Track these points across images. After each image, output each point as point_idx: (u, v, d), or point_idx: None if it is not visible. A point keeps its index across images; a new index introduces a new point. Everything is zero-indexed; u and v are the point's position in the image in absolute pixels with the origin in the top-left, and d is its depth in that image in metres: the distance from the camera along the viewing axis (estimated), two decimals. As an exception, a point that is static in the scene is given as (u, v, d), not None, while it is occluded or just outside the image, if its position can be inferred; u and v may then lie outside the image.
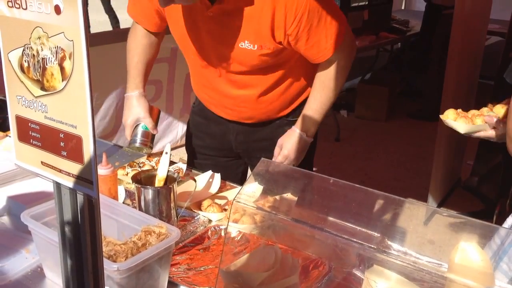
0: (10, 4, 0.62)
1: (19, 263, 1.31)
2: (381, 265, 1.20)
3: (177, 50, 3.77)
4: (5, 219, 1.51)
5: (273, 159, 1.79)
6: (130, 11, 1.87)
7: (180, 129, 4.22)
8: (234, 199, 1.18)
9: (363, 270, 1.26)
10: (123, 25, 6.73)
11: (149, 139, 1.78)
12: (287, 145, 1.78)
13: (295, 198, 1.43)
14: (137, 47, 1.87)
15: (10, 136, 1.93)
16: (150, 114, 1.80)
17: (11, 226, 1.48)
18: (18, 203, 1.51)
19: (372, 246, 1.16)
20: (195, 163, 2.05)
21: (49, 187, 1.57)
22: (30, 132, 0.67)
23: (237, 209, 1.38)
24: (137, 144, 1.75)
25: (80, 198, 0.63)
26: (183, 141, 2.17)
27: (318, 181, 1.29)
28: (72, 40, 0.58)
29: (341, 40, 1.65)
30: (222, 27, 1.59)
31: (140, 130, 1.77)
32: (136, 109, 1.80)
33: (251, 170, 2.09)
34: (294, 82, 1.80)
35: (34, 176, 1.68)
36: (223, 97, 1.81)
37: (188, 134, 2.10)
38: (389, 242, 1.25)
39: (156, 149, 1.96)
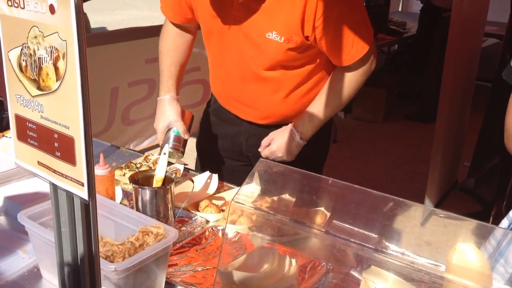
0: (9, 3, 0.62)
1: (15, 264, 1.31)
2: (379, 266, 1.20)
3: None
4: (2, 219, 1.51)
5: (259, 149, 1.76)
6: (163, 8, 1.86)
7: None
8: (232, 200, 1.18)
9: (361, 271, 1.26)
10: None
11: (181, 143, 1.73)
12: (277, 141, 1.73)
13: (293, 199, 1.43)
14: (171, 48, 1.86)
15: (7, 136, 1.92)
16: (182, 118, 1.77)
17: (7, 226, 1.48)
18: (15, 203, 1.50)
19: (370, 246, 1.16)
20: (205, 164, 2.02)
21: (46, 187, 1.57)
22: (28, 131, 0.67)
23: (234, 209, 1.37)
24: (169, 149, 1.68)
25: (77, 199, 0.63)
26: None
27: (317, 182, 1.29)
28: (66, 40, 0.58)
29: (366, 50, 1.63)
30: (251, 15, 1.57)
31: (172, 135, 1.73)
32: (167, 113, 1.77)
33: None
34: (317, 84, 1.76)
35: (30, 176, 1.67)
36: (241, 92, 1.78)
37: (201, 135, 2.06)
38: (386, 243, 1.25)
39: (147, 143, 1.94)
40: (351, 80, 1.70)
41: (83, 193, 0.60)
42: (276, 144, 1.73)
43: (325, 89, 1.72)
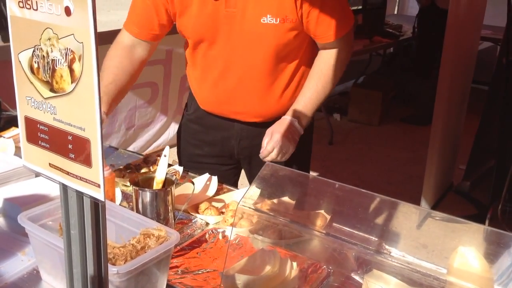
0: (21, 4, 0.62)
1: (15, 266, 1.30)
2: (380, 269, 1.20)
3: (172, 52, 3.77)
4: (1, 221, 1.49)
5: (262, 150, 1.69)
6: (127, 24, 1.80)
7: (172, 129, 4.22)
8: (239, 203, 1.18)
9: (362, 274, 1.26)
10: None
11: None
12: (277, 129, 1.69)
13: (293, 202, 1.43)
14: (116, 66, 1.75)
15: (4, 137, 1.92)
16: None
17: (6, 228, 1.47)
18: (14, 204, 1.49)
19: (372, 249, 1.16)
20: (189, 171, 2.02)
21: (45, 189, 1.56)
22: (38, 134, 0.67)
23: (237, 212, 1.38)
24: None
25: (86, 201, 0.63)
26: (174, 141, 2.14)
27: (322, 186, 1.29)
28: (82, 42, 0.58)
29: (349, 28, 1.70)
30: (243, 6, 1.59)
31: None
32: None
33: (247, 175, 2.06)
34: (305, 74, 1.79)
35: (29, 177, 1.67)
36: (237, 94, 1.77)
37: (182, 143, 2.04)
38: (386, 246, 1.25)
39: (150, 149, 1.92)
40: (337, 60, 1.73)
41: (100, 194, 0.60)
42: (278, 131, 1.68)
43: (314, 73, 1.75)
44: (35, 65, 0.64)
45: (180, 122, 2.08)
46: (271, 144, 1.67)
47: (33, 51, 0.63)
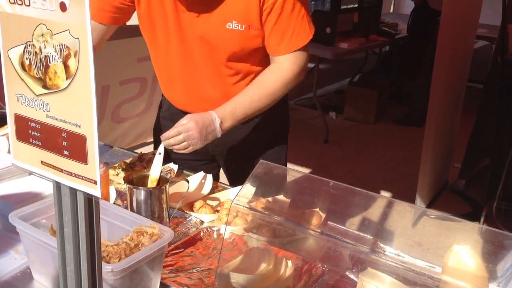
0: (12, 0, 0.61)
1: (8, 264, 1.29)
2: (375, 267, 1.20)
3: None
4: (-6, 219, 1.48)
5: (166, 133, 1.57)
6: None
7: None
8: (233, 202, 1.17)
9: (357, 273, 1.26)
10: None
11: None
12: (196, 120, 1.57)
13: (288, 200, 1.43)
14: None
15: (-3, 135, 1.90)
16: None
17: (-1, 226, 1.46)
18: (6, 203, 1.48)
19: (367, 247, 1.16)
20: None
21: (38, 187, 1.55)
22: (29, 131, 0.66)
23: (232, 211, 1.37)
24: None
25: (80, 198, 0.62)
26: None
27: (317, 184, 1.29)
28: (78, 38, 0.57)
29: (302, 46, 1.64)
30: (207, 9, 1.58)
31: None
32: None
33: (225, 171, 2.06)
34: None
35: (22, 175, 1.65)
36: (205, 91, 1.76)
37: (157, 140, 1.97)
38: (381, 245, 1.25)
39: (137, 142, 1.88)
40: (282, 78, 1.66)
41: (96, 191, 0.59)
42: (194, 123, 1.56)
43: (255, 82, 1.68)
44: (27, 62, 0.63)
45: (155, 120, 2.06)
46: (181, 129, 1.55)
47: (25, 47, 0.62)
